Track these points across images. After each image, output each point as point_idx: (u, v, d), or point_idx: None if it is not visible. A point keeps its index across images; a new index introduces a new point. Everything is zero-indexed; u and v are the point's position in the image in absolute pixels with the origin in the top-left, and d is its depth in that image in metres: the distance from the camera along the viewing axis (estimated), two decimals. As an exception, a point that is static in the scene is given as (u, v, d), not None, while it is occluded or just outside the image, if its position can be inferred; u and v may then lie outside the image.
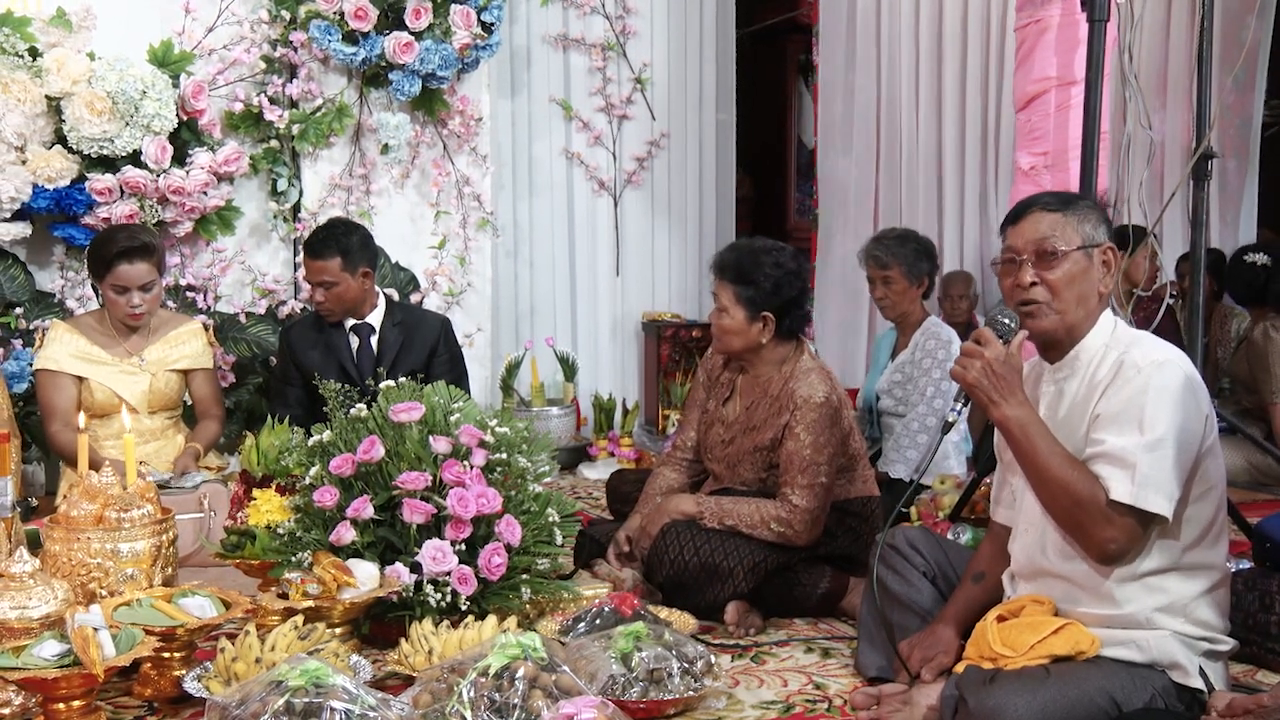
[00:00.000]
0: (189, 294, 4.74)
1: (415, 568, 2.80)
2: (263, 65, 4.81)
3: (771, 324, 3.20)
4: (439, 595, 2.79)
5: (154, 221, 4.50)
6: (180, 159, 4.56)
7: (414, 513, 2.83)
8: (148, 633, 2.40)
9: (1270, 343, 4.85)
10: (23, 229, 4.42)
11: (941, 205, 6.31)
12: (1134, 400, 2.22)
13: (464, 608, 2.81)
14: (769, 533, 3.09)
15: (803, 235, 6.90)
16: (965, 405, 2.43)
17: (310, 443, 3.06)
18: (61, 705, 2.27)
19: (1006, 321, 2.36)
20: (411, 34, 4.79)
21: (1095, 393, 2.29)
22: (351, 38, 4.78)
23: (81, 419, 3.02)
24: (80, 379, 3.89)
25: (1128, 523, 2.20)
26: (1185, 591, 2.27)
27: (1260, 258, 5.14)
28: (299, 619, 2.57)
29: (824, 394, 3.14)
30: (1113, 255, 2.37)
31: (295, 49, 4.80)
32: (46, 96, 4.34)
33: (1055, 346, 2.39)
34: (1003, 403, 2.28)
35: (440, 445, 2.93)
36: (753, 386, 3.30)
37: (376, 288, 4.28)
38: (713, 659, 2.59)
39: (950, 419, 2.43)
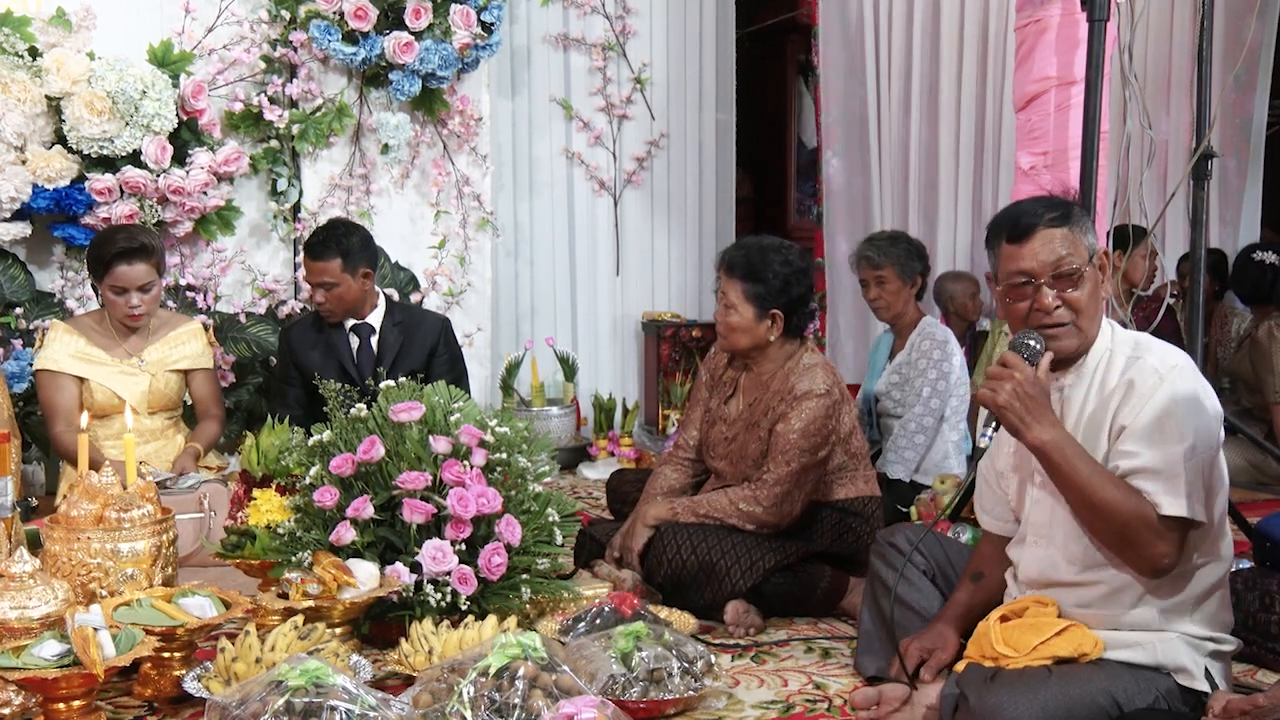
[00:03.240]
0: (189, 294, 4.74)
1: (415, 568, 2.80)
2: (262, 65, 4.81)
3: (780, 321, 3.21)
4: (439, 595, 2.79)
5: (154, 221, 4.51)
6: (180, 159, 4.56)
7: (414, 513, 2.83)
8: (148, 633, 2.40)
9: (1275, 342, 4.83)
10: (23, 229, 4.42)
11: (938, 207, 6.30)
12: (1164, 410, 2.19)
13: (464, 608, 2.81)
14: (738, 515, 3.12)
15: (803, 235, 6.90)
16: (996, 429, 2.31)
17: (310, 443, 3.06)
18: (61, 705, 2.27)
19: (1033, 344, 2.27)
20: (411, 34, 4.79)
21: (1111, 402, 2.26)
22: (351, 38, 4.78)
23: (84, 419, 3.02)
24: (80, 380, 3.89)
25: (1177, 536, 2.19)
26: (1196, 588, 2.27)
27: (1270, 256, 5.12)
28: (299, 619, 2.56)
29: (824, 387, 3.14)
30: (1107, 258, 2.36)
31: (295, 49, 4.80)
32: (46, 96, 4.34)
33: (1067, 360, 2.35)
34: (1036, 425, 2.21)
35: (440, 445, 2.93)
36: (755, 384, 3.30)
37: (376, 288, 4.28)
38: (713, 659, 2.59)
39: (982, 444, 2.33)
